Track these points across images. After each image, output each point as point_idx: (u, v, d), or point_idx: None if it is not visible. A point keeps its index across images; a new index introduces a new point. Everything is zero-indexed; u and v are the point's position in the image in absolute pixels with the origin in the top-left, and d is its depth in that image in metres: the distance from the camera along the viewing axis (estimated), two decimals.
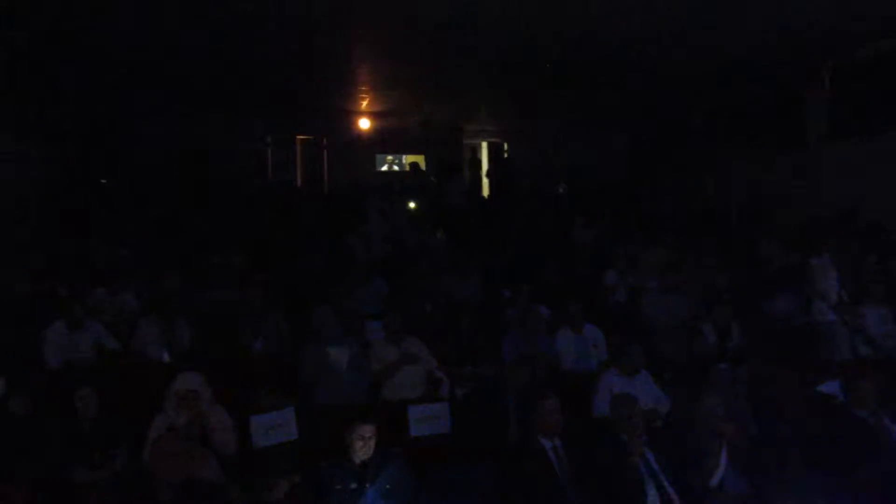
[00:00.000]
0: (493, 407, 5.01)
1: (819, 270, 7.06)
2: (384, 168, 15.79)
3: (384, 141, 15.07)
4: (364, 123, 14.78)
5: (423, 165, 14.34)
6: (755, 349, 6.45)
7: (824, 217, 9.45)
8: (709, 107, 13.17)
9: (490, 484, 4.24)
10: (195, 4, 7.87)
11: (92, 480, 4.25)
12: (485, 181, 15.05)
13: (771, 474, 4.47)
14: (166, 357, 6.04)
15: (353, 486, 3.93)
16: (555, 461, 4.25)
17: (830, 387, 5.31)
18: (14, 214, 8.60)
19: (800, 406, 5.20)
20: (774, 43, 9.33)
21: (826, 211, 9.67)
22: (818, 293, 6.98)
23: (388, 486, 3.97)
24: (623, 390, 4.86)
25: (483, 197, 14.54)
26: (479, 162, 15.41)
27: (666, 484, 4.11)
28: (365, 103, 13.77)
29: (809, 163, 10.63)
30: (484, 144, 16.35)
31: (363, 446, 4.00)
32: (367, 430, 4.02)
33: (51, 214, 9.39)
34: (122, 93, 11.43)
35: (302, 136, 15.33)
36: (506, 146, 16.23)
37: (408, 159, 15.35)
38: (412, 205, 12.11)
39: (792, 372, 5.78)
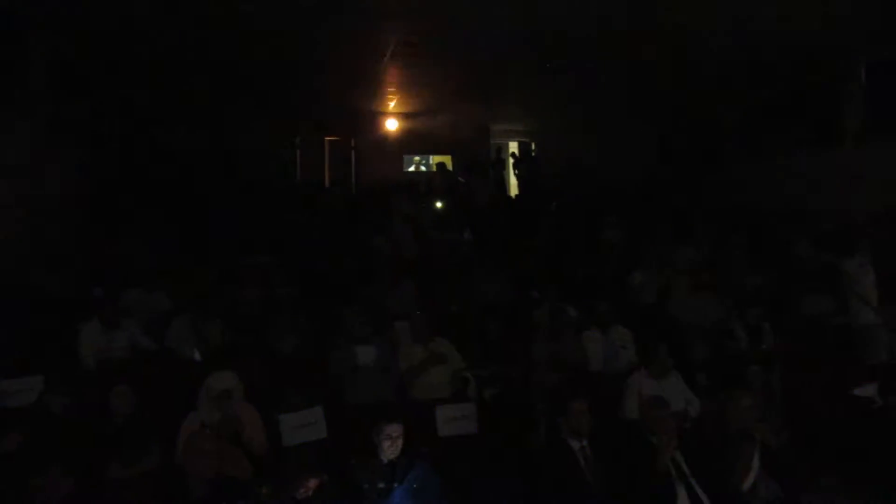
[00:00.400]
0: (521, 408, 5.00)
1: (857, 271, 6.90)
2: (412, 168, 15.83)
3: (411, 141, 15.12)
4: (392, 124, 14.85)
5: (449, 166, 14.35)
6: (789, 350, 6.34)
7: (861, 216, 9.22)
8: (740, 103, 12.96)
9: (517, 484, 4.23)
10: (225, 6, 7.98)
11: (125, 477, 4.32)
12: (512, 181, 15.00)
13: (805, 479, 4.38)
14: (198, 356, 6.12)
15: (381, 485, 3.96)
16: (583, 462, 4.22)
17: (867, 389, 5.19)
18: (51, 216, 8.80)
19: (835, 409, 5.10)
20: (809, 36, 9.14)
21: (862, 209, 9.44)
22: (857, 295, 6.82)
23: (415, 486, 3.98)
24: (653, 392, 4.81)
25: (510, 197, 14.50)
26: (506, 162, 15.36)
27: (697, 487, 4.06)
28: (393, 104, 13.84)
29: (844, 160, 10.38)
30: (511, 144, 16.30)
31: (391, 446, 4.02)
32: (395, 429, 4.04)
33: (87, 215, 9.60)
34: (153, 95, 11.65)
35: (330, 137, 15.45)
36: (533, 146, 16.15)
37: (434, 160, 15.38)
38: (439, 205, 12.12)
39: (827, 374, 5.68)
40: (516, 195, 14.59)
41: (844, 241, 7.80)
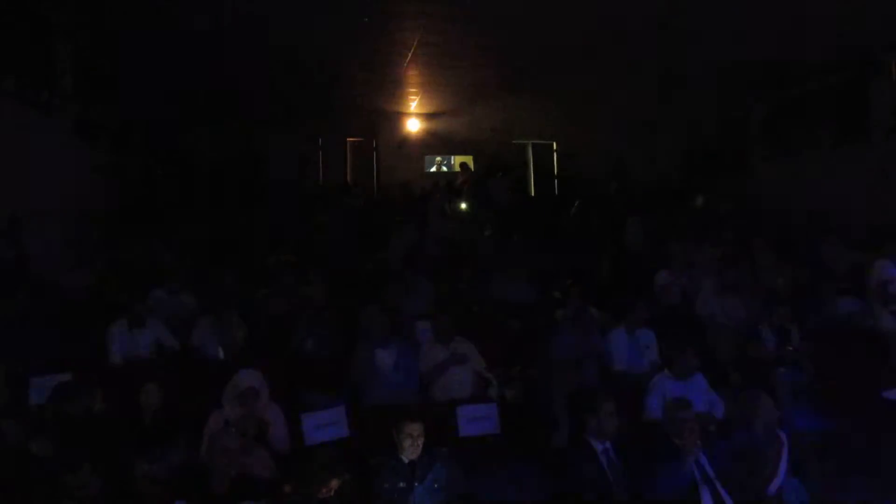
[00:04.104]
0: (542, 408, 4.98)
1: (882, 273, 6.75)
2: (433, 169, 15.84)
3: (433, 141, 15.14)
4: (413, 125, 14.87)
5: (471, 166, 14.35)
6: (817, 352, 6.24)
7: (890, 216, 9.02)
8: (767, 102, 12.78)
9: (538, 485, 4.21)
10: (250, 8, 8.07)
11: (151, 473, 4.38)
12: (532, 181, 14.96)
13: (833, 483, 4.31)
14: (222, 355, 6.19)
15: (402, 484, 3.97)
16: (605, 464, 4.18)
17: None
18: (78, 216, 8.96)
19: (864, 412, 5.01)
20: (837, 33, 8.97)
21: (891, 209, 9.24)
22: (880, 297, 6.68)
23: (436, 486, 3.99)
24: (676, 394, 4.75)
25: (532, 196, 14.44)
26: (528, 161, 15.32)
27: (721, 491, 4.01)
28: (414, 105, 13.87)
29: (874, 159, 10.18)
30: (533, 144, 16.23)
31: (411, 445, 4.03)
32: (415, 428, 4.05)
33: (114, 216, 9.75)
34: (178, 96, 11.81)
35: (352, 138, 15.53)
36: (555, 145, 16.08)
37: (456, 160, 15.40)
38: (463, 205, 12.14)
39: (856, 376, 5.58)
40: (538, 195, 14.54)
41: (872, 242, 7.66)
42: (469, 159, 14.69)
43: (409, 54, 10.17)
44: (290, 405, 4.92)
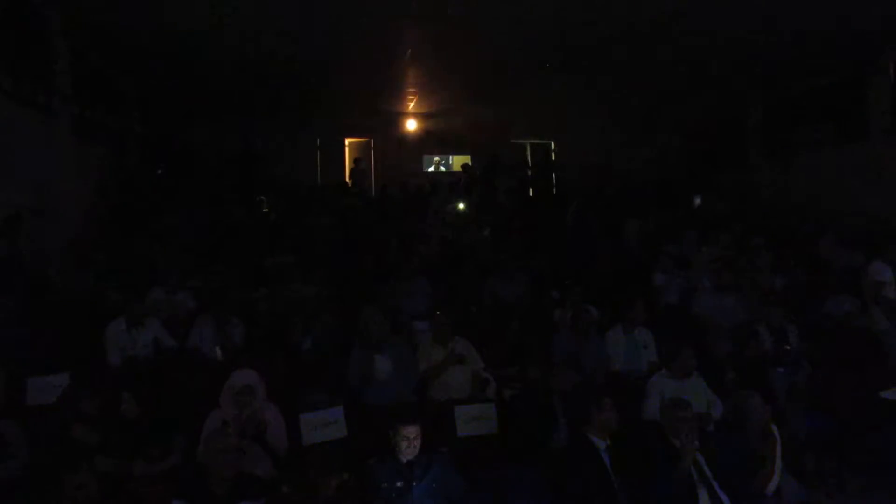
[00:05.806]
0: (540, 408, 4.98)
1: (875, 276, 6.76)
2: (431, 168, 15.86)
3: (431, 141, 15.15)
4: (411, 124, 14.88)
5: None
6: (815, 352, 6.24)
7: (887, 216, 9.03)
8: (765, 101, 12.79)
9: (536, 484, 4.22)
10: (249, 8, 8.07)
11: (149, 474, 4.38)
12: (531, 181, 14.97)
13: (831, 482, 4.32)
14: (220, 355, 6.18)
15: (400, 484, 3.97)
16: (608, 461, 4.19)
17: (894, 394, 5.10)
18: (77, 215, 8.95)
19: (862, 412, 5.02)
20: (833, 30, 8.96)
21: (889, 209, 9.25)
22: (874, 298, 6.70)
23: (434, 486, 3.99)
24: (674, 393, 4.76)
25: (531, 196, 14.46)
26: (526, 161, 15.33)
27: (719, 490, 4.01)
28: (412, 104, 13.88)
29: (872, 157, 10.19)
30: (531, 144, 16.25)
31: (408, 446, 4.03)
32: (412, 430, 4.05)
33: (112, 215, 9.75)
34: (179, 96, 11.80)
35: (351, 138, 15.53)
36: (553, 145, 16.10)
37: (455, 160, 15.41)
38: (461, 205, 12.15)
39: (853, 377, 5.59)
40: (536, 194, 14.55)
41: (870, 243, 7.67)
42: (468, 159, 14.71)
43: (409, 54, 10.18)
44: (288, 405, 4.92)
